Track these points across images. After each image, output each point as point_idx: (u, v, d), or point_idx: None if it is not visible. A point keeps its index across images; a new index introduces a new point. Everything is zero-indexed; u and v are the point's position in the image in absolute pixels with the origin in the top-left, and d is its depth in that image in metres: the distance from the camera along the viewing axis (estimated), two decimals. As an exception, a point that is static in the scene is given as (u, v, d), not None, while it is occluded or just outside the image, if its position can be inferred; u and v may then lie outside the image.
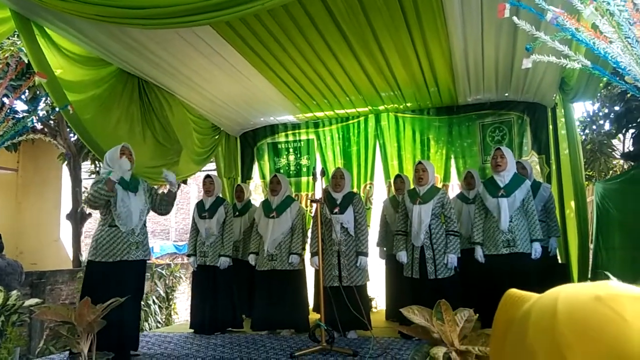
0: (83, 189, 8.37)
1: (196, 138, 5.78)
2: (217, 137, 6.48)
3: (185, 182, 4.25)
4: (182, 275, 9.02)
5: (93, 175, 8.56)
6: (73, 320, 3.25)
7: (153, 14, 3.22)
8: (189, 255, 5.18)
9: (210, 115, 6.08)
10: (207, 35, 4.02)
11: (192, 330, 5.01)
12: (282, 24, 3.90)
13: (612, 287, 0.46)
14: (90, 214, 8.34)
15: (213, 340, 4.62)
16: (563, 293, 0.49)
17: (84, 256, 7.82)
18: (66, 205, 8.86)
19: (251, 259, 5.01)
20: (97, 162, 8.22)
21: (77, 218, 7.96)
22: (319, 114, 6.49)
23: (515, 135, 5.97)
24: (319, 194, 4.34)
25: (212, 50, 4.31)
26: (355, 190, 6.19)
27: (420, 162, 4.55)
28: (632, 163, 5.74)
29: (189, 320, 5.16)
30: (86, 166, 8.74)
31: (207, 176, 5.25)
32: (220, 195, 5.34)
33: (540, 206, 4.70)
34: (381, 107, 6.25)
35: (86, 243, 9.94)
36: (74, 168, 7.89)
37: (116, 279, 3.70)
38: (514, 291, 0.57)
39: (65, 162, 8.11)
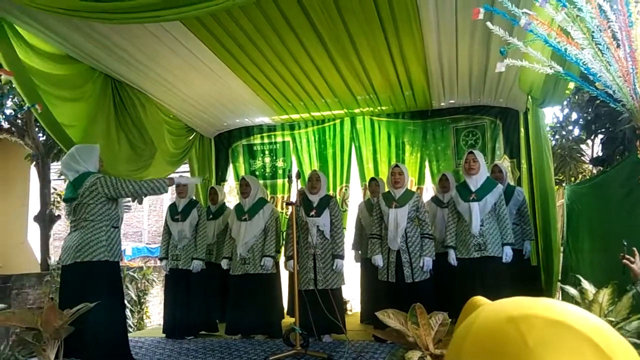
0: (52, 190, 8.14)
1: (169, 139, 5.67)
2: (191, 138, 6.38)
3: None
4: (154, 278, 8.86)
5: (62, 177, 8.33)
6: (39, 326, 3.15)
7: (118, 8, 3.14)
8: (161, 259, 5.09)
9: (184, 115, 5.98)
10: (179, 33, 3.95)
11: (164, 335, 4.91)
12: (256, 23, 3.86)
13: (533, 307, 0.44)
14: (59, 216, 8.11)
15: (186, 345, 4.54)
16: (488, 307, 0.48)
17: (53, 259, 7.60)
18: (34, 206, 8.60)
19: (224, 263, 4.92)
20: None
21: (46, 220, 7.73)
22: (295, 116, 6.46)
23: (488, 140, 6.04)
24: (294, 197, 4.31)
25: (184, 48, 4.23)
26: (331, 193, 6.18)
27: (397, 165, 4.56)
28: (601, 168, 5.88)
29: (162, 324, 5.07)
30: (55, 167, 8.48)
31: (180, 178, 5.16)
32: (194, 198, 5.26)
33: (514, 210, 4.76)
34: (357, 110, 6.26)
35: (55, 246, 9.66)
36: (43, 169, 7.66)
37: (120, 280, 3.83)
38: (476, 298, 0.55)
39: (34, 163, 7.87)
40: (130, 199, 3.95)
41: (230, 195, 7.18)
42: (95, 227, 3.55)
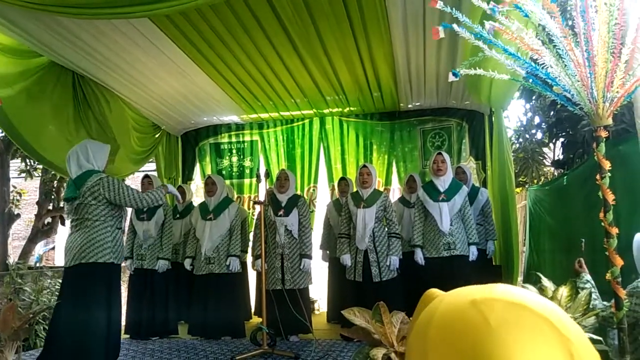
0: (11, 188, 7.87)
1: (135, 137, 5.56)
2: (157, 136, 6.27)
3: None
4: (118, 279, 8.68)
5: (23, 174, 8.08)
6: (-4, 328, 3.05)
7: (85, 3, 3.07)
8: (125, 258, 4.98)
9: (151, 113, 5.88)
10: (147, 30, 3.88)
11: (127, 336, 4.82)
12: (227, 22, 3.83)
13: (493, 291, 0.46)
14: (19, 215, 7.86)
15: (150, 345, 4.47)
16: (449, 296, 0.50)
17: (12, 259, 7.36)
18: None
19: (187, 263, 4.86)
20: (27, 160, 7.76)
21: (4, 219, 7.47)
22: (264, 116, 6.43)
23: (454, 142, 6.15)
24: (262, 196, 4.30)
25: (153, 46, 4.16)
26: (299, 192, 6.18)
27: (364, 166, 4.61)
28: (562, 170, 6.06)
29: (124, 325, 4.96)
30: (15, 164, 8.21)
31: (146, 176, 5.09)
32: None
33: (478, 210, 4.86)
34: (326, 111, 6.28)
35: (14, 245, 9.34)
36: (2, 166, 7.40)
37: (120, 283, 3.68)
38: (431, 291, 0.57)
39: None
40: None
41: (197, 195, 7.09)
42: (100, 227, 3.39)
